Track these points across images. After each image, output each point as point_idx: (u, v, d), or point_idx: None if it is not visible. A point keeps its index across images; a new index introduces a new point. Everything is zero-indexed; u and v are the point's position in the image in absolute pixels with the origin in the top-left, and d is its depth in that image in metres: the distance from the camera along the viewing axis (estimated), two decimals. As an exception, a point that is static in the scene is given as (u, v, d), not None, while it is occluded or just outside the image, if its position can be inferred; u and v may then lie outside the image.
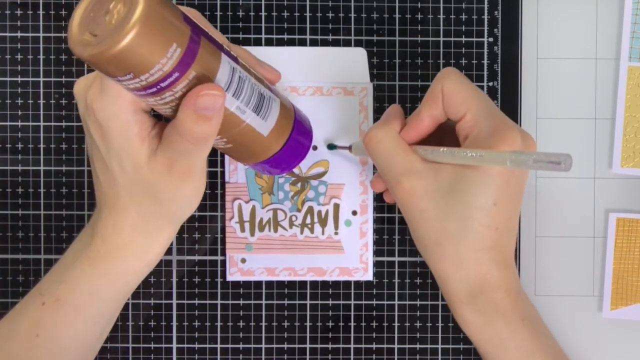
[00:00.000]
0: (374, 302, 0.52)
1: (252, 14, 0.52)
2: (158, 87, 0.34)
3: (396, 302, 0.52)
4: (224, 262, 0.52)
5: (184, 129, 0.36)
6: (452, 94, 0.42)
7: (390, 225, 0.52)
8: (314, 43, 0.52)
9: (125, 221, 0.41)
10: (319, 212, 0.51)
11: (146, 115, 0.38)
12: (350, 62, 0.51)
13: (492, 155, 0.38)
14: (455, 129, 0.43)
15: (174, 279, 0.52)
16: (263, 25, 0.52)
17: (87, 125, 0.39)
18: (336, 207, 0.51)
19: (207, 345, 0.52)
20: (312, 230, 0.51)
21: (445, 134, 0.44)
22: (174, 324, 0.52)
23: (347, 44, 0.52)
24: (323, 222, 0.51)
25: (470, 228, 0.41)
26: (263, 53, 0.51)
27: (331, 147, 0.51)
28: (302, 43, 0.52)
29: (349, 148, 0.50)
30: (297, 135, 0.42)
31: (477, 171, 0.40)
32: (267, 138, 0.40)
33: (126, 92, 0.36)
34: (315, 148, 0.51)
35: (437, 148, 0.42)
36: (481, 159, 0.38)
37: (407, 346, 0.52)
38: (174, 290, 0.52)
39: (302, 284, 0.52)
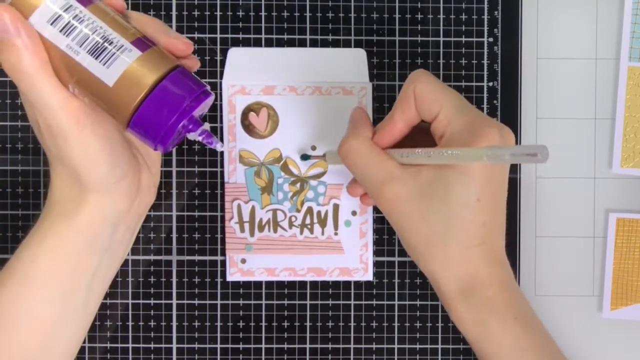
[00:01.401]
0: (374, 302, 0.52)
1: (252, 14, 0.52)
2: None
3: (396, 302, 0.52)
4: (223, 262, 0.52)
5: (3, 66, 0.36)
6: (424, 94, 0.42)
7: (390, 225, 0.52)
8: (314, 43, 0.52)
9: (53, 179, 0.41)
10: (319, 212, 0.51)
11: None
12: (350, 63, 0.51)
13: (468, 152, 0.38)
14: (430, 129, 0.43)
15: (174, 279, 0.52)
16: (263, 25, 0.52)
17: None
18: (336, 207, 0.51)
19: (207, 345, 0.52)
20: (311, 230, 0.51)
21: (418, 135, 0.44)
22: (174, 324, 0.52)
23: (347, 44, 0.52)
24: (323, 223, 0.51)
25: (456, 226, 0.41)
26: (263, 53, 0.51)
27: (304, 157, 0.51)
28: (302, 43, 0.52)
29: (323, 157, 0.50)
30: (157, 99, 0.38)
31: (457, 169, 0.40)
32: (113, 89, 0.37)
33: None
34: (314, 148, 0.51)
35: (412, 150, 0.41)
36: (458, 157, 0.38)
37: (407, 346, 0.52)
38: (174, 290, 0.52)
39: (302, 284, 0.52)
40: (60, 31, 0.36)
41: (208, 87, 0.39)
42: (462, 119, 0.41)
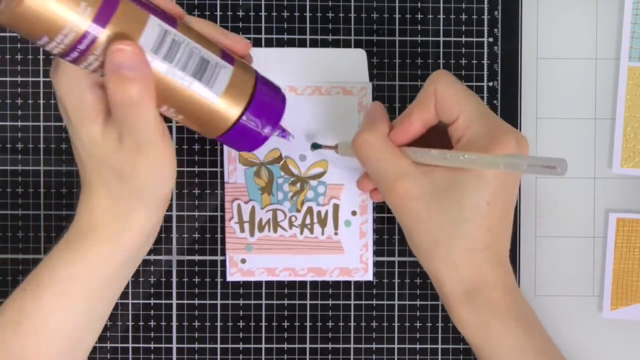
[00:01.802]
0: (374, 302, 0.52)
1: (252, 14, 0.52)
2: (77, 50, 0.34)
3: (396, 302, 0.52)
4: (223, 262, 0.52)
5: (111, 95, 0.35)
6: (445, 96, 0.42)
7: (390, 225, 0.52)
8: (314, 43, 0.52)
9: (96, 201, 0.41)
10: (319, 212, 0.51)
11: (102, 89, 0.38)
12: (350, 63, 0.51)
13: (485, 158, 0.38)
14: (448, 131, 0.43)
15: (174, 279, 0.52)
16: (263, 25, 0.52)
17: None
18: (336, 207, 0.51)
19: (207, 345, 0.52)
20: (311, 230, 0.51)
21: (432, 135, 0.44)
22: (174, 324, 0.52)
23: (347, 44, 0.52)
24: (322, 223, 0.51)
25: (464, 229, 0.41)
26: (263, 53, 0.51)
27: (315, 146, 0.50)
28: (302, 43, 0.52)
29: (335, 148, 0.49)
30: (256, 107, 0.40)
31: (470, 173, 0.40)
32: (216, 107, 0.39)
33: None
34: (315, 147, 0.51)
35: (427, 150, 0.41)
36: (474, 162, 0.38)
37: (407, 346, 0.52)
38: (174, 290, 0.52)
39: (302, 284, 0.52)
40: (164, 58, 0.36)
41: (281, 88, 0.42)
42: (481, 124, 0.41)
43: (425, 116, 0.43)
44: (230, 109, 0.39)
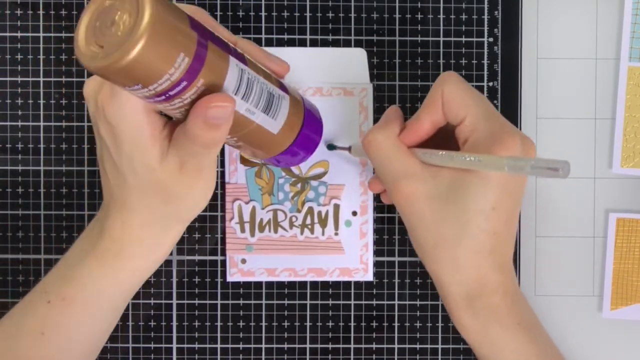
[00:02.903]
0: (374, 302, 0.52)
1: (252, 14, 0.52)
2: (167, 95, 0.34)
3: (396, 302, 0.52)
4: (224, 263, 0.52)
5: (193, 136, 0.36)
6: (452, 98, 0.42)
7: (390, 226, 0.52)
8: (314, 43, 0.52)
9: (135, 220, 0.41)
10: (319, 212, 0.51)
11: (157, 116, 0.38)
12: (350, 63, 0.51)
13: (490, 160, 0.38)
14: (455, 132, 0.43)
15: (174, 279, 0.52)
16: (263, 25, 0.52)
17: (97, 126, 0.39)
18: (336, 207, 0.51)
19: (207, 345, 0.52)
20: (312, 230, 0.51)
21: (444, 137, 0.44)
22: (174, 324, 0.52)
23: (347, 44, 0.52)
24: (323, 223, 0.51)
25: (468, 232, 0.41)
26: (263, 53, 0.51)
27: (331, 147, 0.51)
28: (302, 43, 0.52)
29: (349, 149, 0.50)
30: (308, 130, 0.42)
31: (476, 175, 0.40)
32: (277, 135, 0.40)
33: None
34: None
35: (435, 151, 0.41)
36: (479, 163, 0.38)
37: (407, 346, 0.52)
38: (174, 290, 0.52)
39: (302, 284, 0.52)
40: (242, 98, 0.37)
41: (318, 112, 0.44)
42: (487, 126, 0.41)
43: (433, 117, 0.43)
44: (286, 137, 0.41)
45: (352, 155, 0.50)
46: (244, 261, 0.52)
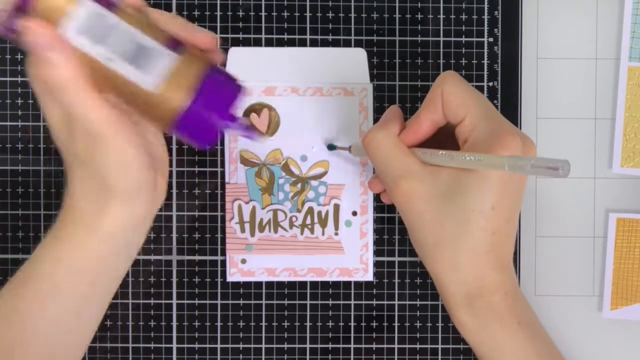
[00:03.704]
0: (374, 302, 0.52)
1: (252, 14, 0.52)
2: (4, 27, 0.34)
3: (396, 302, 0.52)
4: (224, 262, 0.52)
5: (33, 77, 0.36)
6: (451, 97, 0.42)
7: (390, 226, 0.52)
8: (314, 43, 0.52)
9: (73, 185, 0.40)
10: (319, 212, 0.51)
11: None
12: (350, 63, 0.51)
13: (490, 159, 0.38)
14: (455, 132, 0.43)
15: (174, 279, 0.52)
16: (263, 25, 0.52)
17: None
18: (336, 207, 0.51)
19: (207, 345, 0.52)
20: (312, 230, 0.51)
21: (444, 137, 0.44)
22: (174, 324, 0.52)
23: (347, 44, 0.52)
24: (323, 223, 0.51)
25: (468, 231, 0.41)
26: (264, 53, 0.51)
27: (331, 147, 0.51)
28: (302, 43, 0.52)
29: (349, 149, 0.50)
30: (202, 97, 0.38)
31: (476, 175, 0.40)
32: (156, 96, 0.37)
33: None
34: (313, 148, 0.51)
35: (435, 151, 0.42)
36: (479, 163, 0.38)
37: (407, 346, 0.52)
38: (174, 290, 0.52)
39: (302, 284, 0.52)
40: (94, 40, 0.36)
41: (241, 80, 0.39)
42: (487, 125, 0.41)
43: (433, 117, 0.43)
44: (172, 98, 0.37)
45: (352, 155, 0.50)
46: (244, 261, 0.52)
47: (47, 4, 0.34)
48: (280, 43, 0.52)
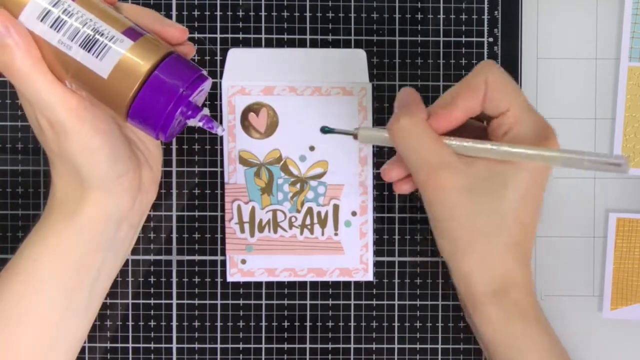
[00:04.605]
0: (374, 302, 0.52)
1: (252, 14, 0.52)
2: None
3: (396, 302, 0.52)
4: (224, 263, 0.52)
5: None
6: (497, 87, 0.40)
7: (390, 226, 0.52)
8: (314, 43, 0.52)
9: (55, 179, 0.41)
10: (319, 212, 0.51)
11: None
12: (350, 62, 0.51)
13: (542, 152, 0.37)
14: (492, 123, 0.42)
15: (174, 279, 0.52)
16: (263, 25, 0.52)
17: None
18: (336, 207, 0.51)
19: (207, 345, 0.52)
20: (311, 231, 0.51)
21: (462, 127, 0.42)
22: (174, 324, 0.52)
23: (347, 44, 0.52)
24: (323, 223, 0.51)
25: (501, 223, 0.40)
26: (263, 53, 0.51)
27: (326, 130, 0.46)
28: (302, 43, 0.52)
29: (354, 135, 0.43)
30: (154, 83, 0.37)
31: (511, 167, 0.40)
32: (108, 81, 0.37)
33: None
34: (312, 149, 0.51)
35: (474, 141, 0.40)
36: (529, 155, 0.38)
37: (407, 346, 0.52)
38: (174, 290, 0.52)
39: (302, 284, 0.52)
40: (51, 27, 0.36)
41: (204, 72, 0.39)
42: (530, 119, 0.40)
43: (470, 105, 0.41)
44: (124, 86, 0.37)
45: (359, 141, 0.45)
46: (243, 261, 0.52)
47: None
48: (280, 43, 0.52)
